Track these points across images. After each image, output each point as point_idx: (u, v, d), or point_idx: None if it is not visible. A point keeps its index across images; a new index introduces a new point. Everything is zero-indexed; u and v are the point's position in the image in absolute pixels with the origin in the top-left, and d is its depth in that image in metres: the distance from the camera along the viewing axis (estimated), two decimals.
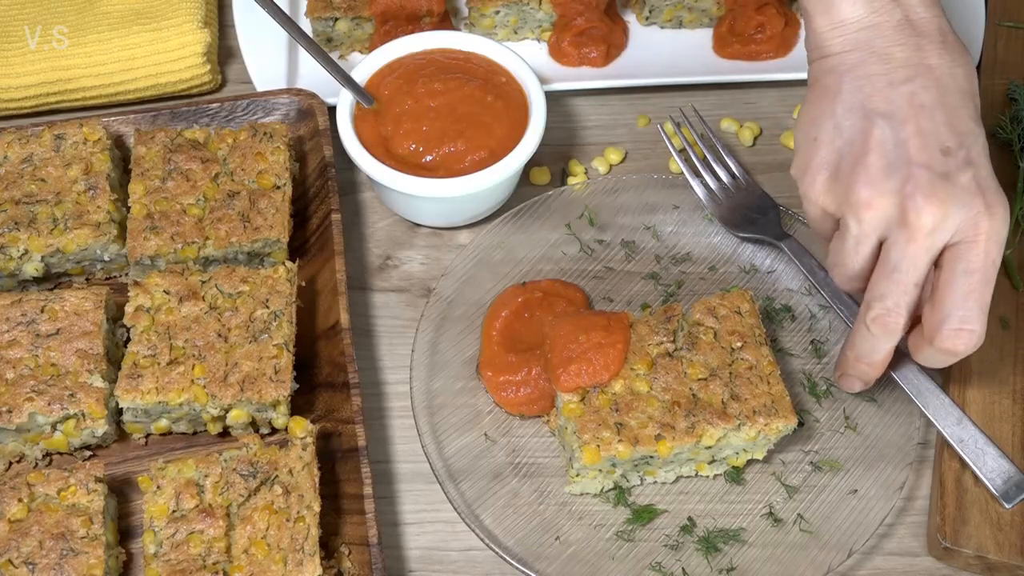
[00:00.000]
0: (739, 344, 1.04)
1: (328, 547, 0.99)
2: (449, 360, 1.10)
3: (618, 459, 0.99)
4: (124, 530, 1.02)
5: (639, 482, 1.05)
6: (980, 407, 1.07)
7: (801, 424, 1.06)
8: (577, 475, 1.02)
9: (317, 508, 0.96)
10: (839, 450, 1.07)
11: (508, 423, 1.08)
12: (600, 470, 1.01)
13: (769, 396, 1.01)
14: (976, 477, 1.03)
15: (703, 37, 1.35)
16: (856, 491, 1.03)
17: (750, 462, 1.05)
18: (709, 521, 1.03)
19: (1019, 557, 1.00)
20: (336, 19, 1.28)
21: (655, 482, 1.05)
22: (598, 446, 0.98)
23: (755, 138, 1.29)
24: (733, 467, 1.05)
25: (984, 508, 1.02)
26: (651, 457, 1.00)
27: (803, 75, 1.30)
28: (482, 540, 0.99)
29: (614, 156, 1.27)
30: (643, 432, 0.99)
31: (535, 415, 1.08)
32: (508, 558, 0.98)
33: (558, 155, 1.27)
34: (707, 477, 1.06)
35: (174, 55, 1.26)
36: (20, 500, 0.96)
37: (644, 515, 1.03)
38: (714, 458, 1.04)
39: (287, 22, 1.08)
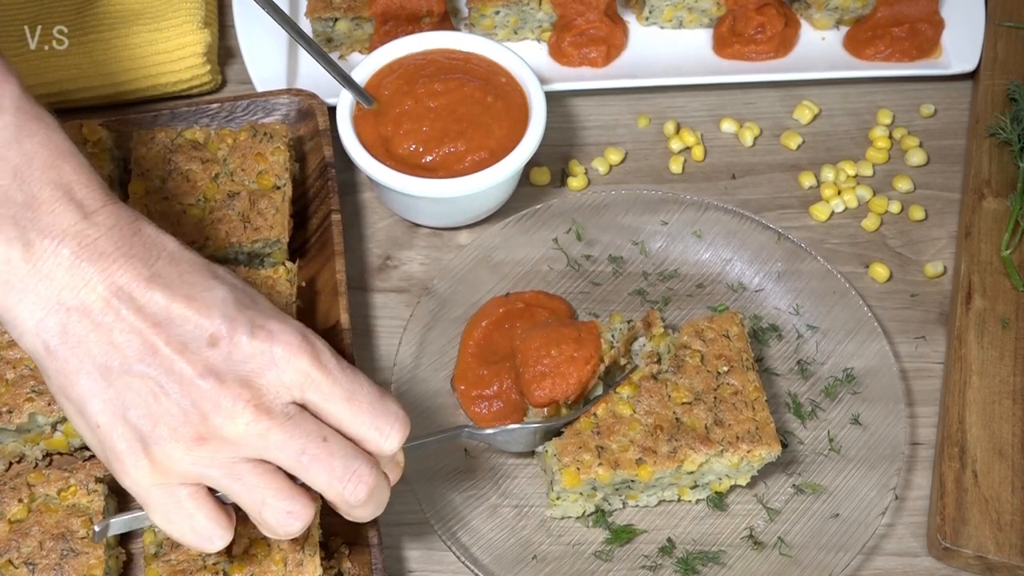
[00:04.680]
0: (726, 368, 1.02)
1: (328, 547, 0.99)
2: (428, 375, 1.08)
3: (598, 482, 0.97)
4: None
5: (621, 506, 1.03)
6: (980, 407, 1.07)
7: (785, 446, 1.04)
8: (558, 498, 1.00)
9: (317, 508, 0.96)
10: (822, 473, 1.05)
11: None
12: (581, 493, 1.00)
13: (753, 423, 0.99)
14: (976, 477, 1.03)
15: (703, 37, 1.35)
16: (838, 515, 1.01)
17: (733, 485, 1.04)
18: (689, 542, 1.02)
19: (1019, 557, 1.00)
20: (336, 19, 1.28)
21: (637, 506, 1.04)
22: (578, 469, 0.97)
23: (755, 138, 1.29)
24: (716, 492, 1.03)
25: (984, 508, 1.02)
26: (632, 481, 0.99)
27: (803, 75, 1.31)
28: (457, 557, 0.97)
29: (614, 156, 1.27)
30: (624, 456, 0.97)
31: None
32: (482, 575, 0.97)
33: (558, 155, 1.27)
34: (690, 502, 1.04)
35: (174, 55, 1.25)
36: (20, 500, 0.96)
37: (623, 535, 1.02)
38: (696, 483, 1.02)
39: (287, 22, 1.08)
